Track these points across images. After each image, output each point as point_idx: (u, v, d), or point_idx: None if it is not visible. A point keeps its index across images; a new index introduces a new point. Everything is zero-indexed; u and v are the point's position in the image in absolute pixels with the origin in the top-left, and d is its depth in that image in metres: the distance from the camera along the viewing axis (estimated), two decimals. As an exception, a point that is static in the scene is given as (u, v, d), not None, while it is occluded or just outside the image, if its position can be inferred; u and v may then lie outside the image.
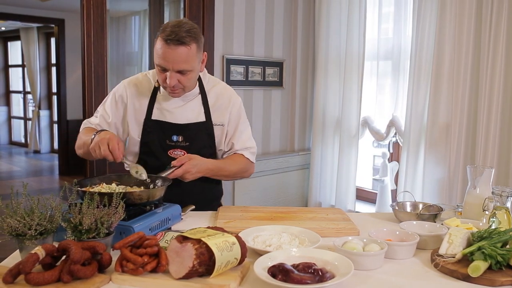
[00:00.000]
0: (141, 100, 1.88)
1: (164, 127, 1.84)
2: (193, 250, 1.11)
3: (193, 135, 1.85)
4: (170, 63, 1.66)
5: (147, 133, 1.86)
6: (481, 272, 1.17)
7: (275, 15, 3.79)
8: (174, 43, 1.64)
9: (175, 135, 1.84)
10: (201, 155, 1.81)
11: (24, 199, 1.26)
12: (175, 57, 1.65)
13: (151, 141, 1.85)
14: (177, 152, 1.83)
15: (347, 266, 1.15)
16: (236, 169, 1.93)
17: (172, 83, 1.70)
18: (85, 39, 2.93)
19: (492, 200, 1.56)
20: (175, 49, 1.64)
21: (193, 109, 1.87)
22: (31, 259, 1.08)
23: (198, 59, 1.73)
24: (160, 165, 1.79)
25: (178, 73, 1.69)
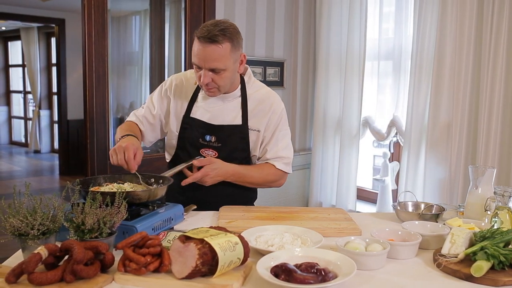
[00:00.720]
0: (184, 96, 1.91)
1: (199, 125, 1.87)
2: (196, 250, 1.11)
3: (226, 137, 1.85)
4: (202, 61, 1.68)
5: (184, 129, 1.89)
6: (484, 272, 1.17)
7: (276, 15, 3.79)
8: (207, 41, 1.66)
9: (208, 135, 1.86)
10: (233, 158, 1.83)
11: (26, 199, 1.26)
12: (207, 55, 1.67)
13: (186, 138, 1.88)
14: (209, 152, 1.85)
15: (349, 266, 1.15)
16: (261, 178, 1.91)
17: (205, 81, 1.71)
18: (86, 38, 2.93)
19: (494, 200, 1.57)
20: (207, 47, 1.66)
21: (231, 111, 1.87)
22: (34, 259, 1.08)
23: (232, 59, 1.73)
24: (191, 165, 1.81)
25: (211, 71, 1.70)
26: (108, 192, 1.40)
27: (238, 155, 1.88)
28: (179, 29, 3.66)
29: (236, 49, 1.74)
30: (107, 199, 1.29)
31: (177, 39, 3.75)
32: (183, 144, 1.90)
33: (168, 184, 1.55)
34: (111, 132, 3.22)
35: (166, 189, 1.54)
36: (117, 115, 4.05)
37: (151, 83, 3.95)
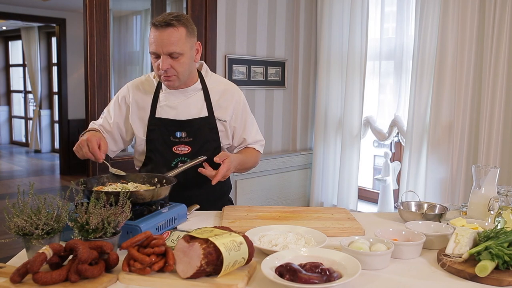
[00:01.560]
0: (144, 99, 1.92)
1: (167, 124, 1.87)
2: (201, 249, 1.11)
3: (196, 131, 1.88)
4: (160, 46, 1.71)
5: (151, 131, 1.88)
6: (489, 272, 1.17)
7: (277, 15, 3.79)
8: (163, 26, 1.70)
9: (179, 132, 1.86)
10: (205, 149, 1.86)
11: (30, 199, 1.25)
12: (164, 39, 1.70)
13: (155, 139, 1.88)
14: (182, 148, 1.87)
15: (354, 266, 1.15)
16: (253, 162, 2.02)
17: (164, 67, 1.72)
18: (88, 38, 2.93)
19: (497, 200, 1.57)
20: (163, 32, 1.70)
21: (196, 105, 1.90)
22: (39, 258, 1.08)
23: (189, 44, 1.77)
24: (165, 162, 1.83)
25: (170, 57, 1.73)
26: (112, 191, 1.40)
27: (209, 146, 1.90)
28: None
29: (191, 35, 1.78)
30: (111, 199, 1.29)
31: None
32: (153, 146, 1.89)
33: (171, 184, 1.55)
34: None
35: (169, 189, 1.54)
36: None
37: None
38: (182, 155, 1.87)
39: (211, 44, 3.50)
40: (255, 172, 3.61)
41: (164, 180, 1.62)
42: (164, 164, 1.85)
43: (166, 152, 1.87)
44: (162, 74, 1.77)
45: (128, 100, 1.93)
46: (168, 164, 1.85)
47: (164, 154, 1.87)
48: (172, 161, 1.86)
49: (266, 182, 3.71)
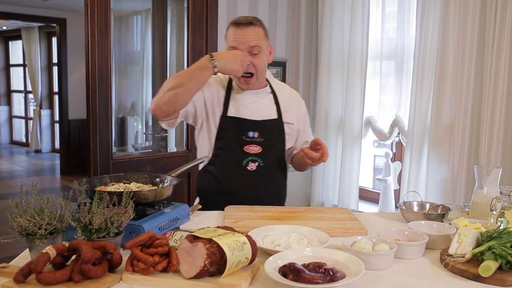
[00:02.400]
0: (220, 91, 1.94)
1: (240, 123, 1.90)
2: (204, 249, 1.11)
3: (268, 132, 1.92)
4: (241, 43, 1.80)
5: (223, 129, 1.91)
6: (492, 272, 1.16)
7: (278, 15, 3.79)
8: (245, 24, 1.81)
9: (251, 131, 1.90)
10: (275, 150, 1.93)
11: (33, 198, 1.25)
12: (245, 35, 1.80)
13: (226, 137, 1.90)
14: (253, 148, 1.90)
15: (358, 266, 1.15)
16: None
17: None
18: (89, 38, 2.93)
19: (500, 200, 1.57)
20: (245, 29, 1.80)
21: (266, 107, 1.96)
22: (43, 258, 1.08)
23: (265, 43, 1.86)
24: (236, 160, 1.88)
25: (250, 54, 1.81)
26: (115, 191, 1.39)
27: (278, 147, 1.96)
28: (182, 29, 3.66)
29: (266, 37, 1.88)
30: (114, 199, 1.29)
31: (179, 38, 3.75)
32: (223, 144, 1.91)
33: (174, 184, 1.55)
34: (114, 132, 3.21)
35: (172, 189, 1.54)
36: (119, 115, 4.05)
37: (153, 83, 3.95)
38: (253, 154, 1.90)
39: (212, 44, 3.50)
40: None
41: (166, 180, 1.62)
42: (234, 163, 1.88)
43: (237, 151, 1.89)
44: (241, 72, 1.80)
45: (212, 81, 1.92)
46: (239, 163, 1.89)
47: (235, 153, 1.90)
48: (243, 160, 1.89)
49: (267, 182, 3.70)
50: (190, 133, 3.53)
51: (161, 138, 3.83)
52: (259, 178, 1.90)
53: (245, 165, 1.89)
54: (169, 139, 3.89)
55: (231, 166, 1.90)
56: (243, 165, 1.89)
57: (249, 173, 1.88)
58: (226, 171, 1.91)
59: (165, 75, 3.88)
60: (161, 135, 3.81)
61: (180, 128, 3.82)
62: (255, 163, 1.90)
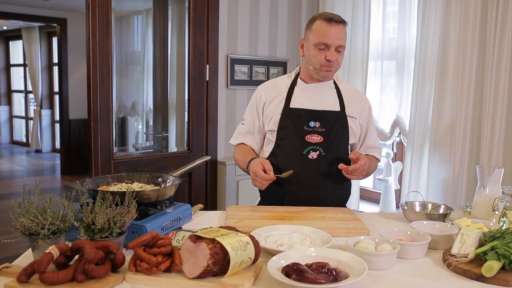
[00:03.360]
0: (278, 95, 2.01)
1: (301, 113, 1.94)
2: (208, 249, 1.11)
3: (329, 122, 1.94)
4: (333, 39, 1.84)
5: (283, 119, 1.95)
6: (495, 272, 1.16)
7: (279, 14, 3.79)
8: (337, 22, 1.86)
9: (313, 121, 1.93)
10: (337, 142, 1.94)
11: (36, 198, 1.25)
12: (337, 33, 1.85)
13: (288, 127, 1.94)
14: (314, 137, 1.92)
15: (361, 266, 1.15)
16: (373, 168, 2.07)
17: (333, 58, 1.85)
18: (90, 38, 2.93)
19: (502, 200, 1.57)
20: (337, 26, 1.86)
21: (329, 99, 1.99)
22: (46, 258, 1.08)
23: None
24: (296, 150, 1.91)
25: (335, 50, 1.86)
26: (118, 191, 1.39)
27: (340, 139, 1.96)
28: (183, 29, 3.66)
29: None
30: (117, 199, 1.29)
31: (180, 38, 3.74)
32: (284, 134, 1.95)
33: (176, 184, 1.55)
34: (115, 131, 3.21)
35: (175, 189, 1.54)
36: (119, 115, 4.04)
37: (154, 83, 3.95)
38: (315, 144, 1.92)
39: (213, 44, 3.50)
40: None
41: (169, 180, 1.62)
42: (295, 151, 1.91)
43: (298, 140, 1.92)
44: (325, 65, 1.88)
45: (262, 99, 2.03)
46: (300, 152, 1.91)
47: (296, 142, 1.92)
48: (304, 148, 1.91)
49: (268, 182, 3.70)
50: (191, 133, 3.54)
51: (162, 138, 3.83)
52: (320, 166, 1.91)
53: (306, 153, 1.91)
54: (169, 139, 3.89)
55: (292, 155, 1.93)
56: (304, 154, 1.91)
57: (310, 162, 1.90)
58: (287, 160, 1.92)
59: (165, 75, 3.88)
60: (162, 135, 3.81)
61: (181, 128, 3.82)
62: (316, 152, 1.91)
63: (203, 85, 3.51)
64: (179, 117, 3.84)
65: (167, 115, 3.86)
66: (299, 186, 1.92)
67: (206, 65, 3.47)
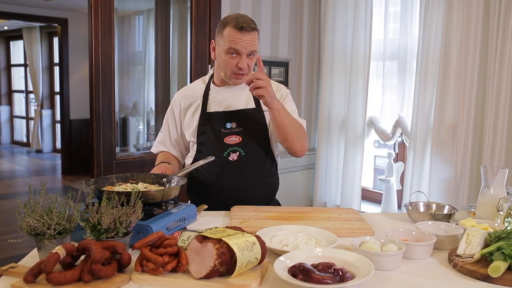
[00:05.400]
0: (194, 102, 2.02)
1: (217, 116, 1.96)
2: (214, 250, 1.11)
3: (245, 121, 1.96)
4: (244, 47, 1.84)
5: (202, 125, 1.97)
6: (501, 272, 1.16)
7: (280, 15, 3.79)
8: (248, 30, 1.84)
9: (229, 122, 1.95)
10: (256, 138, 1.95)
11: (42, 198, 1.25)
12: (249, 40, 1.85)
13: (206, 132, 1.95)
14: (233, 138, 1.94)
15: (367, 267, 1.15)
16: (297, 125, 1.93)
17: (245, 65, 1.86)
18: (93, 38, 2.93)
19: (506, 200, 1.57)
20: (248, 34, 1.85)
21: (243, 98, 1.99)
22: (52, 258, 1.08)
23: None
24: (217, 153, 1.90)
25: (247, 57, 1.87)
26: (124, 191, 1.39)
27: (259, 134, 1.98)
28: (184, 29, 3.66)
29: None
30: (122, 199, 1.29)
31: (182, 39, 3.75)
32: (204, 139, 1.97)
33: (181, 184, 1.55)
34: (117, 131, 3.21)
35: (179, 189, 1.54)
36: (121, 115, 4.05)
37: (155, 83, 3.95)
38: (234, 145, 1.94)
39: (215, 44, 3.49)
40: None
41: (173, 180, 1.62)
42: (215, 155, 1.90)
43: (218, 144, 1.94)
44: (237, 72, 1.88)
45: (178, 108, 2.05)
46: (220, 155, 1.92)
47: (216, 146, 1.94)
48: (224, 151, 1.93)
49: (270, 182, 3.70)
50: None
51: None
52: (241, 167, 1.92)
53: (226, 156, 1.93)
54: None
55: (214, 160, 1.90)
56: (224, 156, 1.93)
57: (231, 163, 1.92)
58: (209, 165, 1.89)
59: (167, 75, 3.88)
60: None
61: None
62: (236, 153, 1.93)
63: (205, 85, 3.51)
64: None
65: (168, 115, 3.86)
66: (223, 190, 1.94)
67: (208, 65, 3.47)
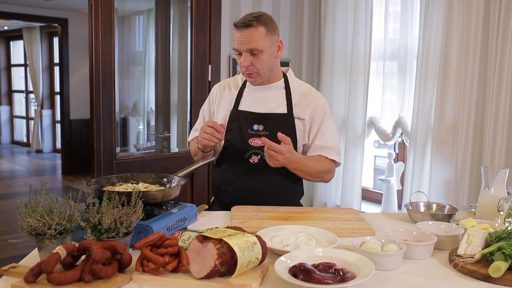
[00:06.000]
0: (229, 94, 2.02)
1: (246, 116, 1.94)
2: (215, 250, 1.11)
3: (273, 125, 1.91)
4: (240, 44, 1.82)
5: (231, 122, 1.95)
6: (502, 272, 1.17)
7: (281, 15, 3.79)
8: (243, 27, 1.81)
9: (256, 124, 1.92)
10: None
11: (43, 198, 1.25)
12: (244, 38, 1.81)
13: (233, 129, 1.94)
14: (257, 141, 1.90)
15: (368, 267, 1.15)
16: (318, 168, 1.94)
17: (245, 63, 1.83)
18: (93, 38, 2.93)
19: (507, 201, 1.57)
20: (244, 31, 1.81)
21: (275, 101, 1.95)
22: (53, 258, 1.08)
23: (269, 41, 1.85)
24: (239, 153, 1.91)
25: (250, 55, 1.83)
26: (124, 191, 1.39)
27: None
28: (185, 29, 3.66)
29: (271, 34, 1.86)
30: (123, 199, 1.29)
31: (182, 39, 3.74)
32: (230, 136, 1.94)
33: (182, 184, 1.55)
34: (117, 132, 3.21)
35: (180, 189, 1.54)
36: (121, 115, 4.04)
37: (156, 83, 3.95)
38: (257, 147, 1.90)
39: (215, 44, 3.50)
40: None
41: (174, 180, 1.62)
42: (238, 155, 1.90)
43: (242, 143, 1.92)
44: (245, 71, 1.87)
45: (214, 98, 2.05)
46: (242, 155, 1.91)
47: (239, 145, 1.92)
48: (245, 152, 1.91)
49: (270, 182, 3.70)
50: (193, 133, 3.53)
51: (164, 138, 3.83)
52: (260, 171, 1.89)
53: (247, 157, 1.91)
54: (171, 140, 3.89)
55: (235, 159, 1.93)
56: (245, 158, 1.91)
57: (251, 166, 1.90)
58: (231, 164, 1.94)
59: (167, 76, 3.88)
60: (164, 135, 3.81)
61: (182, 129, 3.82)
62: (258, 156, 1.90)
63: (205, 86, 3.51)
64: (181, 117, 3.84)
65: (169, 115, 3.86)
66: (239, 189, 1.93)
67: (208, 65, 3.47)
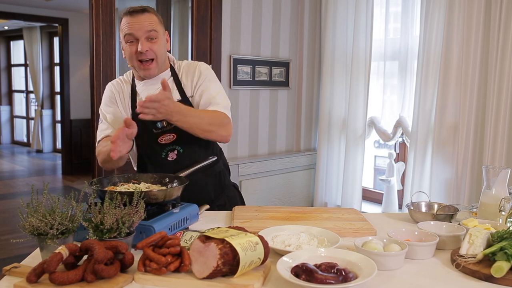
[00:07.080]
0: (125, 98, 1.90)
1: None
2: (217, 250, 1.11)
3: None
4: (138, 29, 1.74)
5: None
6: (504, 272, 1.16)
7: (281, 15, 3.79)
8: (138, 13, 1.75)
9: (158, 122, 1.79)
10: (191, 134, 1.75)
11: (44, 198, 1.25)
12: (142, 21, 1.74)
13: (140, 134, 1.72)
14: (167, 137, 1.81)
15: (370, 267, 1.14)
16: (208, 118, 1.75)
17: (144, 48, 1.74)
18: (94, 38, 2.93)
19: (508, 201, 1.57)
20: (139, 16, 1.75)
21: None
22: (55, 258, 1.08)
23: (161, 29, 1.82)
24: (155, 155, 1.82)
25: (147, 40, 1.75)
26: (126, 191, 1.39)
27: None
28: (185, 29, 3.66)
29: (161, 23, 1.83)
30: (125, 199, 1.29)
31: (183, 38, 3.74)
32: (140, 142, 1.84)
33: (184, 184, 1.55)
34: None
35: (181, 189, 1.54)
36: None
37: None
38: (169, 144, 1.81)
39: (216, 44, 3.49)
40: (259, 173, 3.61)
41: (175, 180, 1.62)
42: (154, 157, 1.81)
43: (153, 145, 1.82)
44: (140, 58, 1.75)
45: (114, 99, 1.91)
46: (159, 157, 1.81)
47: (152, 147, 1.83)
48: (161, 153, 1.82)
49: (270, 182, 3.71)
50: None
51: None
52: (182, 165, 1.79)
53: (165, 157, 1.82)
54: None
55: (153, 162, 1.83)
56: (163, 158, 1.81)
57: (172, 163, 1.79)
58: (150, 169, 1.83)
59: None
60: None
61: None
62: (174, 152, 1.81)
63: (206, 85, 3.51)
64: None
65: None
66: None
67: (209, 65, 3.47)
